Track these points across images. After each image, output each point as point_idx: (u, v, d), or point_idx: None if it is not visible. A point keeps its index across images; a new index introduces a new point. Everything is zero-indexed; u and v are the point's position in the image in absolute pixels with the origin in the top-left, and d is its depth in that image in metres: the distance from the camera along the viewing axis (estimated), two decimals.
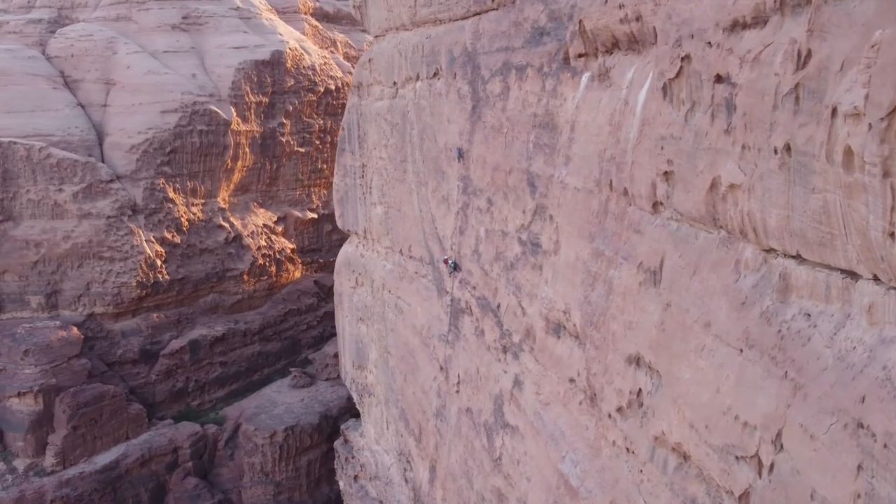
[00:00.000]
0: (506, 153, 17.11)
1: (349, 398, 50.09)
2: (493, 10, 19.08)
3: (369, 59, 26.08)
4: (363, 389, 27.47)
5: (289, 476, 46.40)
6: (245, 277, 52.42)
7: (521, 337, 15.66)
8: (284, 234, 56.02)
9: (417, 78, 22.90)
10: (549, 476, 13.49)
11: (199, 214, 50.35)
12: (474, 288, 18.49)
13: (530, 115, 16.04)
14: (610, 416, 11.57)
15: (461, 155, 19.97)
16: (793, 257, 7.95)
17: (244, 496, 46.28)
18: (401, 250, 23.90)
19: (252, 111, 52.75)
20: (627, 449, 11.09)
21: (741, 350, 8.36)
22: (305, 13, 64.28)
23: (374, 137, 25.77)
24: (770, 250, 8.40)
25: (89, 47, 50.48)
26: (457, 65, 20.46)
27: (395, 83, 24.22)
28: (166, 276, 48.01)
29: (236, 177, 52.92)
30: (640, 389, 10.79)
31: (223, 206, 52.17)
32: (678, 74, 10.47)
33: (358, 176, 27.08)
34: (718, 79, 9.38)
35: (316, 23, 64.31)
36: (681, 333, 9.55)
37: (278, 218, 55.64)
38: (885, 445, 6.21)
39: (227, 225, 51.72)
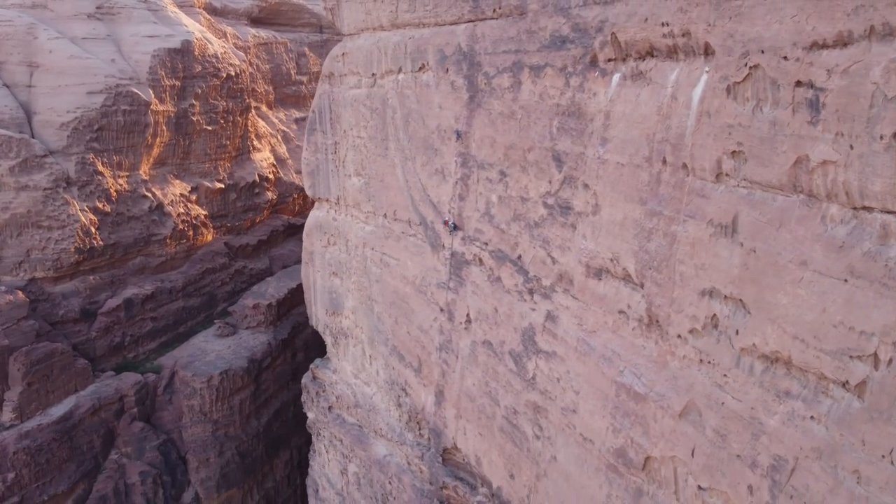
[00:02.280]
0: (522, 135, 17.84)
1: (270, 343, 49.97)
2: (492, 19, 19.44)
3: (343, 53, 26.02)
4: (338, 332, 27.79)
5: (224, 414, 45.76)
6: (168, 241, 50.68)
7: (552, 281, 16.67)
8: (197, 202, 54.31)
9: (400, 71, 23.13)
10: (604, 387, 14.71)
11: (125, 185, 48.12)
12: (485, 244, 19.29)
13: (552, 104, 16.79)
14: (679, 336, 12.94)
15: (459, 136, 20.59)
16: (890, 212, 9.57)
17: (185, 434, 45.30)
18: (385, 214, 24.29)
19: (167, 93, 50.61)
20: (701, 360, 12.52)
21: (846, 280, 9.90)
22: (199, 7, 61.73)
23: (349, 119, 25.85)
24: (861, 208, 9.96)
25: (10, 32, 46.66)
26: (449, 62, 20.84)
27: (373, 74, 24.37)
28: (100, 242, 45.80)
29: (155, 152, 50.76)
30: (714, 315, 12.24)
31: (145, 178, 50.03)
32: (745, 79, 11.81)
33: (330, 152, 27.12)
34: (798, 83, 10.83)
35: (208, 16, 61.94)
36: (772, 271, 10.96)
37: (192, 188, 53.85)
38: None
39: (149, 195, 49.68)
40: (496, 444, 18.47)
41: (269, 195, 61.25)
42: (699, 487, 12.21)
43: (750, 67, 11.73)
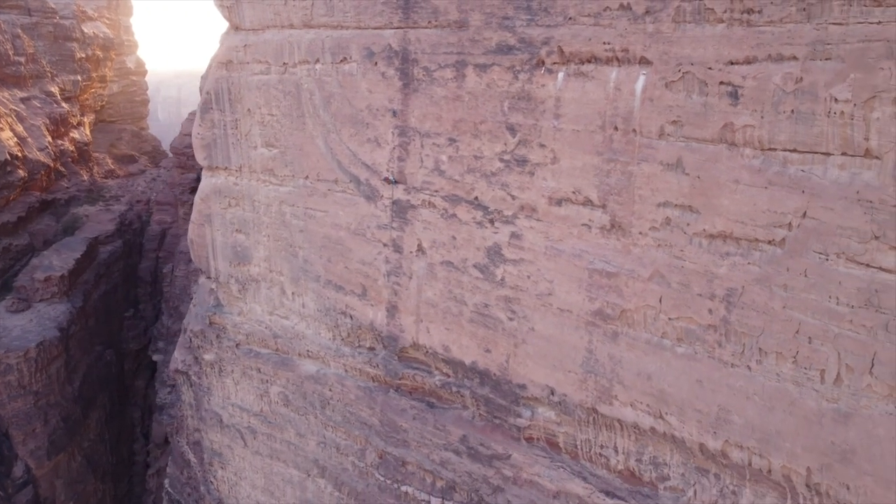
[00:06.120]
0: (471, 112, 21.00)
1: (71, 312, 45.58)
2: (427, 28, 21.84)
3: (244, 45, 26.51)
4: (246, 280, 28.72)
5: (44, 384, 41.86)
6: None
7: (513, 212, 20.60)
8: None
9: (317, 62, 24.61)
10: (577, 274, 19.54)
11: None
12: (436, 191, 22.31)
13: (501, 91, 20.21)
14: (641, 233, 18.33)
15: (395, 114, 23.11)
16: (790, 150, 15.90)
17: (4, 411, 40.09)
18: (306, 176, 25.82)
19: None
20: (659, 245, 18.12)
21: (766, 187, 16.15)
22: None
23: (254, 100, 26.66)
24: (767, 149, 16.20)
25: None
26: (378, 57, 23.01)
27: (285, 63, 25.48)
28: None
29: None
30: (668, 217, 17.83)
31: None
32: (679, 79, 17.30)
33: (230, 128, 27.65)
34: (721, 83, 16.65)
35: None
36: (715, 187, 16.79)
37: None
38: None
39: None
40: (466, 332, 22.33)
41: (21, 173, 54.09)
42: (669, 318, 17.96)
43: (683, 73, 17.12)
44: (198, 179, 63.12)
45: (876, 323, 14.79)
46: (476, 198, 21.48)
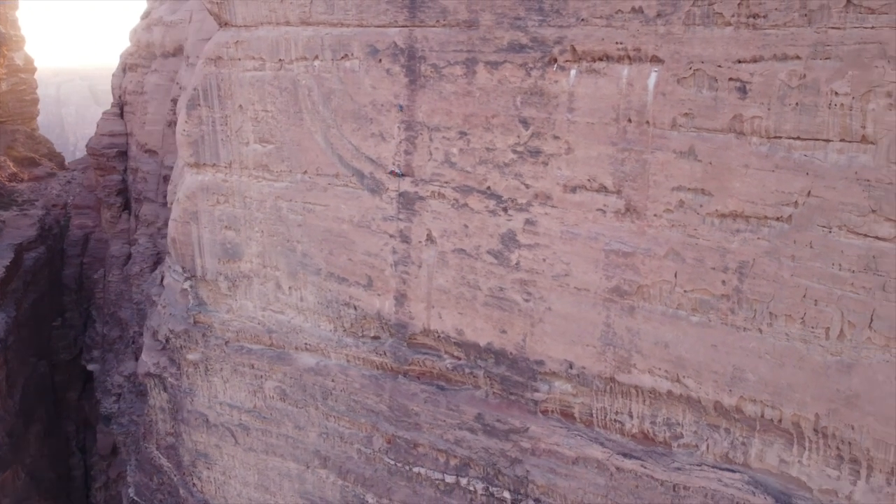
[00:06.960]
0: (482, 107, 22.21)
1: (7, 322, 42.70)
2: (434, 27, 22.73)
3: (236, 42, 26.52)
4: (237, 276, 28.58)
5: None
6: None
7: (528, 200, 21.97)
8: None
9: (315, 58, 25.10)
10: (593, 255, 21.11)
11: None
12: (446, 183, 23.34)
13: (514, 87, 21.56)
14: (655, 215, 20.13)
15: (402, 108, 23.86)
16: (794, 138, 18.03)
17: None
18: (305, 171, 26.19)
19: None
20: (673, 226, 19.93)
21: (773, 170, 18.25)
22: None
23: (247, 97, 26.75)
24: (773, 137, 18.29)
25: None
26: (383, 54, 23.86)
27: (280, 60, 25.76)
28: None
29: None
30: (681, 200, 19.64)
31: None
32: (690, 76, 19.14)
33: (219, 124, 27.51)
34: (731, 79, 18.61)
35: None
36: (727, 171, 18.79)
37: None
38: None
39: None
40: (481, 315, 23.45)
41: None
42: (684, 291, 19.83)
43: (694, 70, 19.01)
44: (123, 181, 60.50)
45: (874, 284, 17.19)
46: (489, 187, 22.60)
